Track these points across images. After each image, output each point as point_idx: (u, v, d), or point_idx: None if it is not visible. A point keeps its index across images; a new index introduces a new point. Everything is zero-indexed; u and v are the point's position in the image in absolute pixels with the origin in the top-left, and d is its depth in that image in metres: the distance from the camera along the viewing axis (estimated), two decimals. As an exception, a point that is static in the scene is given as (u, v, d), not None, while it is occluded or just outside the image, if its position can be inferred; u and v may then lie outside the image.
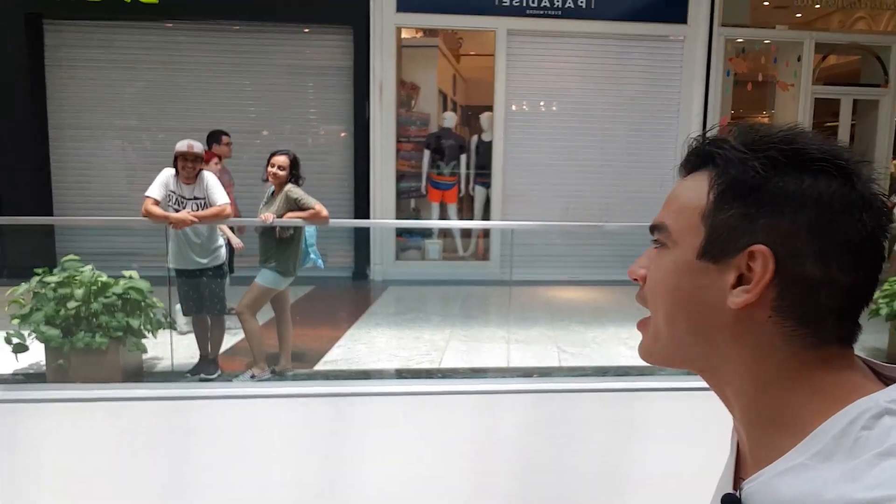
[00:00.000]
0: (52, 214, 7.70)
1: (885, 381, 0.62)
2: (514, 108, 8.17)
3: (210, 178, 4.50)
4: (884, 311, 4.81)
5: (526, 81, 8.11)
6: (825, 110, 8.70)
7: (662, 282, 0.67)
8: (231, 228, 5.15)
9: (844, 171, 0.60)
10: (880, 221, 0.60)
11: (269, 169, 4.51)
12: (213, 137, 5.96)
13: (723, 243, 0.62)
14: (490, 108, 8.14)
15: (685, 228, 0.65)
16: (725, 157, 0.63)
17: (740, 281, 0.61)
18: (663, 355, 0.69)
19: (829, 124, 8.90)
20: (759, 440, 0.63)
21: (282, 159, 4.50)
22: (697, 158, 0.66)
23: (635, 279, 0.72)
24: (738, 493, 0.62)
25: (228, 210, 4.43)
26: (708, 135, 0.66)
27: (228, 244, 5.00)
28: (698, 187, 0.64)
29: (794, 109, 8.32)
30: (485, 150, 8.22)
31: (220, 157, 5.74)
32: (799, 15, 8.67)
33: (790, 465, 0.58)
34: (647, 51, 8.19)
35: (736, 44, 8.32)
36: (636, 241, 6.71)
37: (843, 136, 8.48)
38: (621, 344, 5.44)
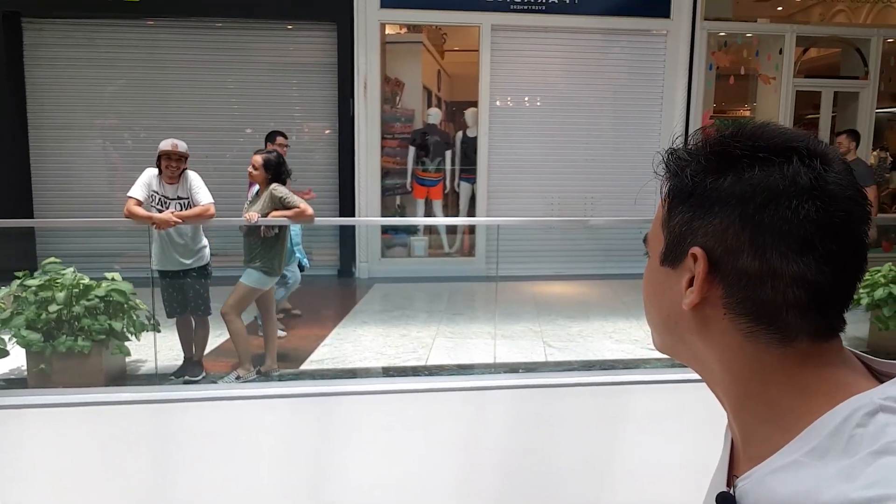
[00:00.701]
0: (32, 216, 7.60)
1: (879, 377, 0.62)
2: (498, 103, 8.17)
3: (194, 178, 4.46)
4: (864, 300, 4.87)
5: (510, 77, 8.11)
6: (806, 102, 8.77)
7: (644, 288, 0.72)
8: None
9: (767, 161, 0.60)
10: (828, 205, 0.58)
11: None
12: (269, 138, 5.85)
13: (675, 248, 0.65)
14: (475, 104, 8.13)
15: (654, 238, 0.69)
16: (671, 167, 0.66)
17: (692, 283, 0.63)
18: (664, 349, 0.73)
19: (810, 116, 8.98)
20: (751, 437, 0.64)
21: (256, 158, 4.51)
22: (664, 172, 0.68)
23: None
24: (731, 491, 0.62)
25: (212, 210, 4.40)
26: (670, 147, 0.68)
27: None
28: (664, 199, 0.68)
29: (776, 102, 8.39)
30: (470, 145, 8.21)
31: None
32: (780, 8, 8.73)
33: (784, 462, 0.58)
34: (631, 45, 8.22)
35: (718, 37, 8.36)
36: (620, 235, 6.76)
37: (824, 127, 8.55)
38: (607, 338, 5.47)
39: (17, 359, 4.18)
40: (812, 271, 0.58)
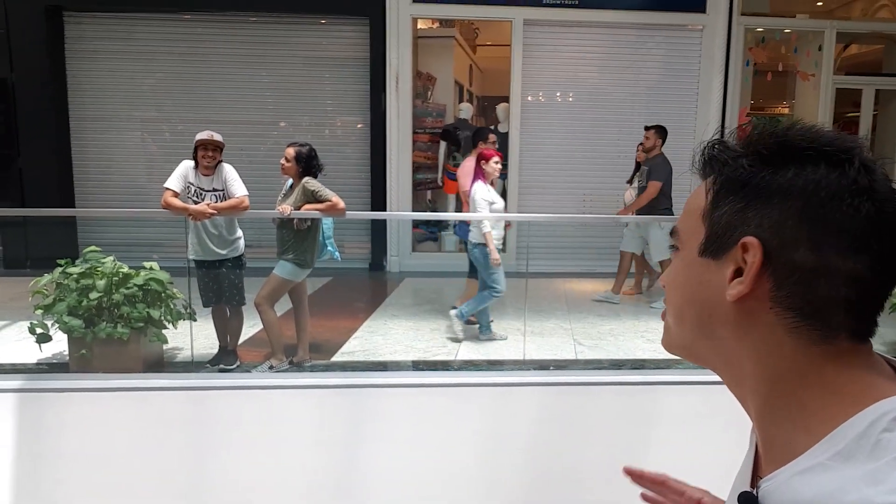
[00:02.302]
0: (73, 205, 7.80)
1: None
2: (530, 98, 8.14)
3: (229, 171, 4.53)
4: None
5: (542, 72, 8.07)
6: (847, 100, 8.56)
7: (673, 280, 0.71)
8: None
9: (832, 158, 0.60)
10: (883, 206, 0.59)
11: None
12: (480, 135, 5.76)
13: (720, 238, 0.64)
14: (506, 99, 8.11)
15: (690, 230, 0.68)
16: (720, 158, 0.66)
17: (738, 274, 0.63)
18: (678, 347, 0.72)
19: (850, 115, 8.77)
20: (776, 438, 0.64)
21: (289, 150, 4.55)
22: (703, 164, 0.68)
23: (663, 285, 0.75)
24: (755, 492, 0.63)
25: (247, 202, 4.47)
26: (715, 138, 0.68)
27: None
28: (700, 191, 0.68)
29: (815, 100, 8.21)
30: (501, 141, 8.19)
31: (500, 156, 5.39)
32: (820, 3, 8.53)
33: (809, 464, 0.58)
34: (666, 40, 8.11)
35: (756, 33, 8.21)
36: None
37: (865, 126, 8.34)
38: (638, 336, 5.43)
39: (59, 344, 4.30)
40: (864, 270, 0.59)
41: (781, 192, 0.61)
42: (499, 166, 5.21)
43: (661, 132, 6.41)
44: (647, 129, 6.51)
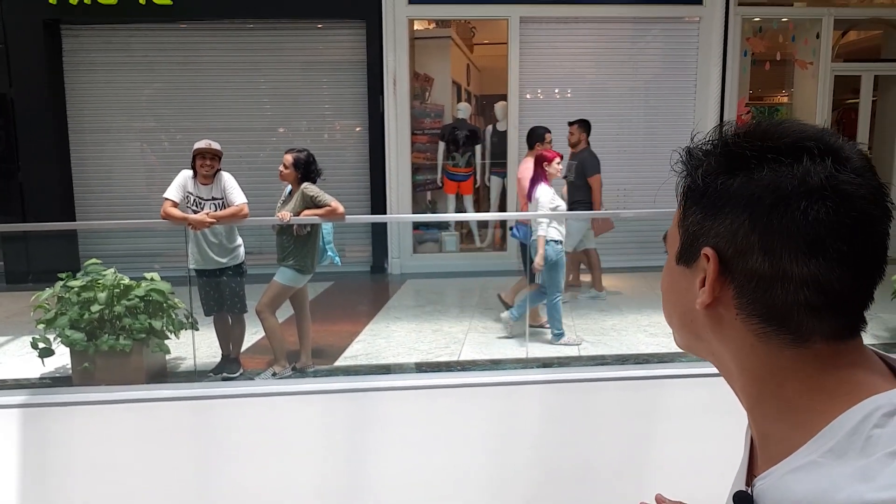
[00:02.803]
0: (74, 218, 7.81)
1: None
2: (528, 96, 8.12)
3: (227, 179, 4.53)
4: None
5: (540, 69, 8.05)
6: (846, 87, 8.52)
7: (663, 285, 0.72)
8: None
9: (778, 160, 0.59)
10: (842, 205, 0.57)
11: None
12: (537, 136, 5.72)
13: (689, 248, 0.65)
14: (505, 98, 8.10)
15: (672, 237, 0.69)
16: (687, 166, 0.66)
17: (705, 283, 0.63)
18: (682, 347, 0.73)
19: (850, 101, 8.72)
20: (768, 437, 0.64)
21: (286, 157, 4.56)
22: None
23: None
24: (749, 491, 0.63)
25: (246, 210, 4.47)
26: (684, 146, 0.68)
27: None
28: None
29: (814, 88, 8.17)
30: (500, 139, 8.18)
31: (560, 157, 5.31)
32: (817, -10, 8.48)
33: (802, 462, 0.58)
34: (663, 33, 8.09)
35: (753, 23, 8.17)
36: (654, 226, 6.67)
37: (864, 113, 8.30)
38: (641, 331, 5.41)
39: (62, 358, 4.31)
40: (824, 273, 0.57)
41: (731, 202, 0.60)
42: (560, 166, 5.23)
43: (585, 126, 6.46)
44: (570, 124, 6.54)
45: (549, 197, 5.04)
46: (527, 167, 5.41)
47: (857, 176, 0.58)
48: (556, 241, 4.99)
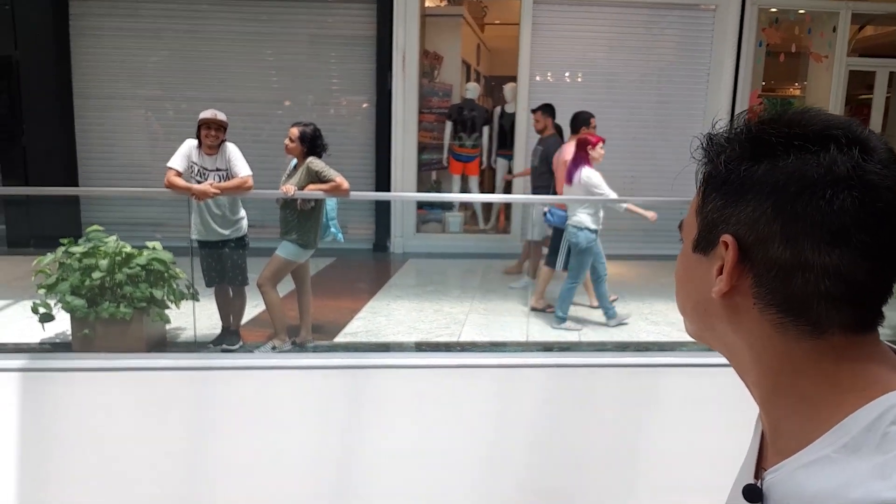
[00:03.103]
0: (77, 184, 7.78)
1: None
2: (538, 78, 8.04)
3: (232, 150, 4.50)
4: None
5: (551, 51, 7.97)
6: (860, 82, 8.44)
7: (677, 274, 0.71)
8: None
9: (805, 148, 0.58)
10: (867, 195, 0.56)
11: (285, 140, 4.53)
12: (582, 120, 5.62)
13: (707, 235, 0.64)
14: (514, 79, 8.02)
15: (689, 225, 0.69)
16: (709, 153, 0.65)
17: (723, 271, 0.63)
18: (694, 337, 0.73)
19: (863, 97, 8.64)
20: (780, 430, 0.63)
21: (293, 130, 4.52)
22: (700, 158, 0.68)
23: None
24: (759, 484, 0.62)
25: (250, 182, 4.44)
26: (706, 132, 0.67)
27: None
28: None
29: (827, 82, 8.08)
30: (508, 121, 8.12)
31: (603, 141, 5.22)
32: (835, -17, 8.37)
33: (814, 457, 0.57)
34: (677, 20, 7.99)
35: (769, 13, 8.06)
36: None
37: (878, 109, 8.23)
38: (642, 319, 5.40)
39: (62, 323, 4.30)
40: (846, 264, 0.57)
41: (755, 189, 0.59)
42: (603, 151, 5.18)
43: (549, 111, 6.37)
44: (533, 111, 6.47)
45: (597, 176, 5.01)
46: (569, 150, 5.38)
47: (884, 167, 0.57)
48: (590, 230, 4.96)
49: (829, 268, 0.57)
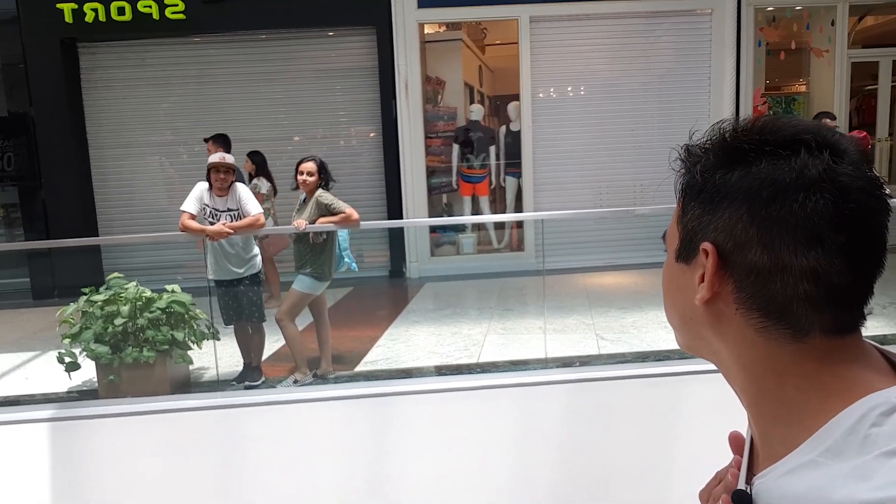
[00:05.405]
0: (97, 232, 7.93)
1: None
2: (541, 95, 8.10)
3: (242, 190, 4.59)
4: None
5: (552, 67, 8.03)
6: (864, 73, 8.39)
7: (663, 284, 0.72)
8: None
9: (775, 153, 0.59)
10: (838, 197, 0.57)
11: (299, 177, 4.58)
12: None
13: (688, 244, 0.65)
14: (517, 98, 8.09)
15: (671, 235, 0.69)
16: (684, 164, 0.67)
17: (704, 278, 0.63)
18: (683, 347, 0.73)
19: (869, 88, 8.59)
20: (767, 436, 0.64)
21: (309, 165, 4.58)
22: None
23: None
24: (748, 490, 0.63)
25: (262, 220, 4.52)
26: (683, 143, 0.69)
27: None
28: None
29: (830, 75, 8.05)
30: (514, 140, 8.17)
31: None
32: (831, -23, 8.36)
33: (800, 462, 0.57)
34: (674, 26, 8.03)
35: (766, 12, 8.07)
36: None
37: (884, 98, 8.17)
38: (661, 328, 5.37)
39: (87, 371, 4.38)
40: (823, 265, 0.57)
41: (730, 196, 0.60)
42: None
43: (224, 142, 6.20)
44: (206, 140, 6.38)
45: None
46: None
47: (855, 169, 0.58)
48: None
49: (806, 270, 0.57)
